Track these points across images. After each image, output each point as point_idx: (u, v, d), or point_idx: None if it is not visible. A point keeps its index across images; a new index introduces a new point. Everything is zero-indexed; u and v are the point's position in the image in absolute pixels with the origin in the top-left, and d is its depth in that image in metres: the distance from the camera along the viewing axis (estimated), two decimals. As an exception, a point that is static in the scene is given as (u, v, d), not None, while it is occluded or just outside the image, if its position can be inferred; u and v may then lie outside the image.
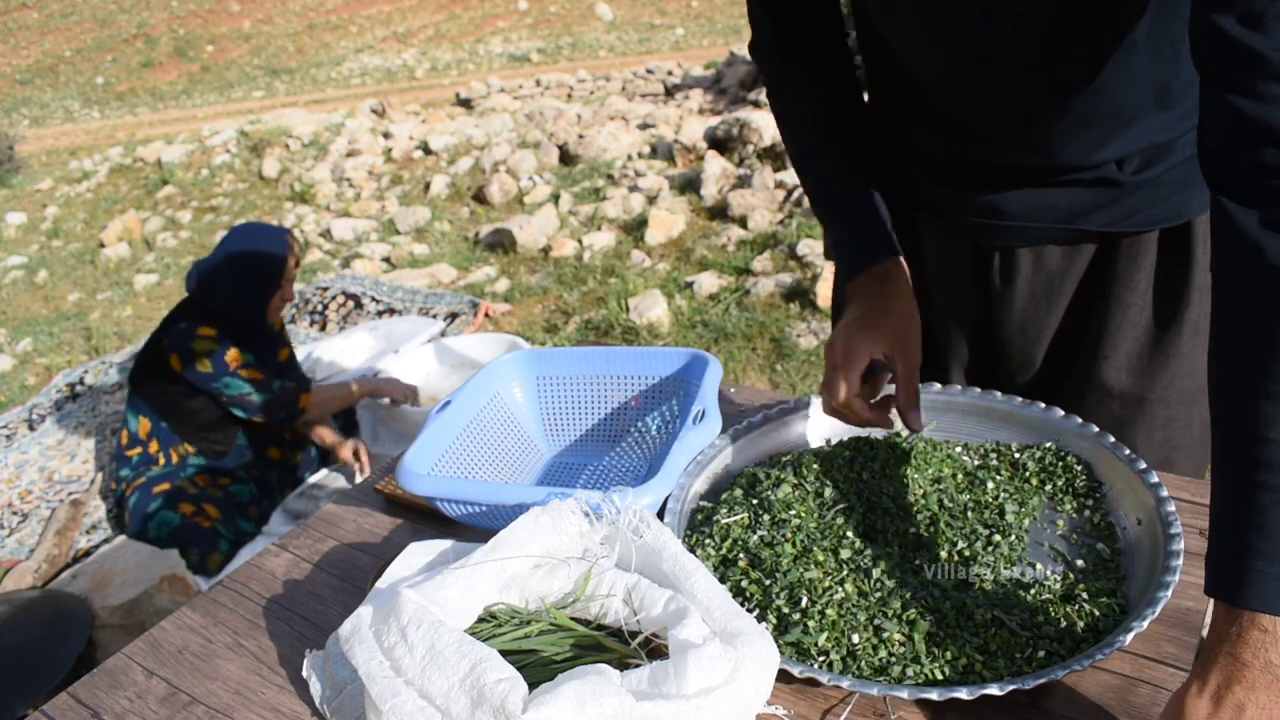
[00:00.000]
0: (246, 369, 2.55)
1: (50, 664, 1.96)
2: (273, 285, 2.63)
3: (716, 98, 7.35)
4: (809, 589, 0.82)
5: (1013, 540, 0.89)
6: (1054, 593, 0.82)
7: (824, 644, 0.77)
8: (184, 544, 2.41)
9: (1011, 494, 0.95)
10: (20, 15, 23.41)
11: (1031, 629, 0.78)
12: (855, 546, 0.88)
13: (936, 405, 1.07)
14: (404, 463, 0.96)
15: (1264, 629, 0.60)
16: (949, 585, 0.84)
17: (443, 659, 0.66)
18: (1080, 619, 0.78)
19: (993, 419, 1.05)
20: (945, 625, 0.78)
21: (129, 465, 2.63)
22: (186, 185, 7.40)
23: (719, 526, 0.91)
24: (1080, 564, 0.86)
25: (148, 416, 2.63)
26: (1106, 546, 0.87)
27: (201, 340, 2.51)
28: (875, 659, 0.77)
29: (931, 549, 0.89)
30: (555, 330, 3.86)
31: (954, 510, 0.93)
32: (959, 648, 0.76)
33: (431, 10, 21.36)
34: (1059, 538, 0.91)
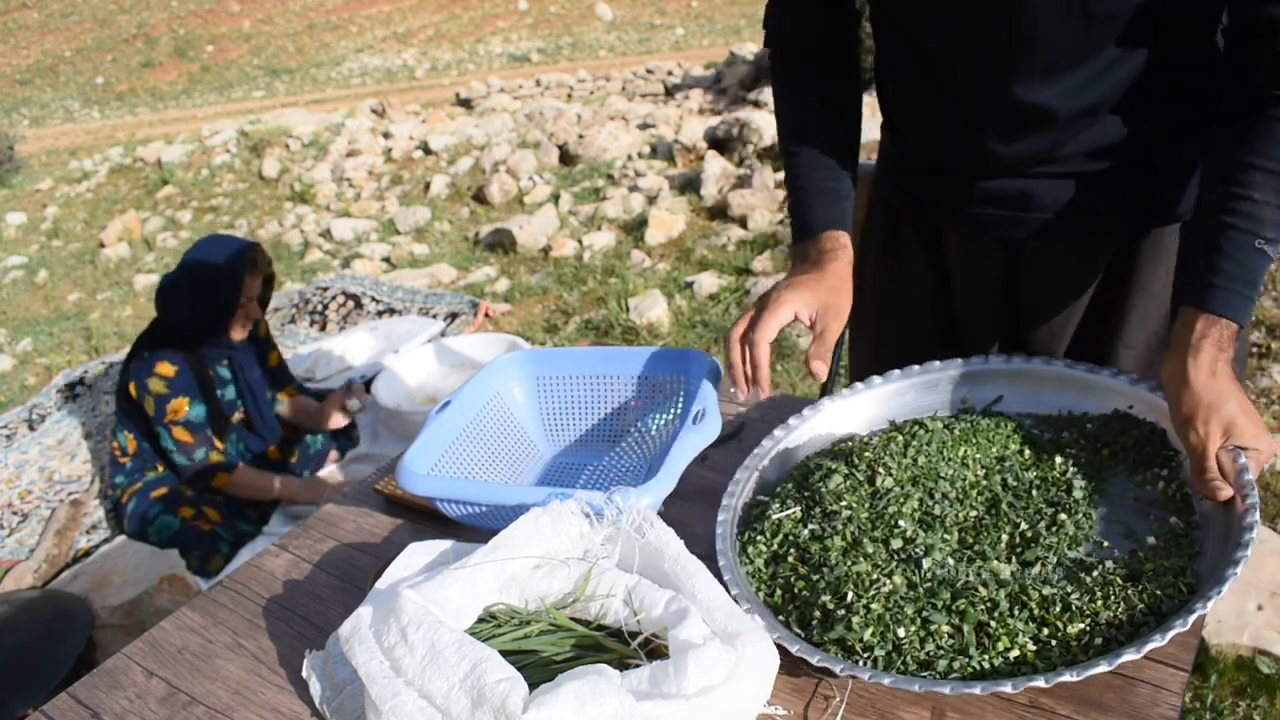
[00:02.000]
0: (182, 427, 2.49)
1: (50, 664, 1.96)
2: (231, 304, 2.51)
3: (716, 98, 7.35)
4: (856, 583, 0.80)
5: (1079, 519, 0.86)
6: (1119, 573, 0.78)
7: (869, 639, 0.75)
8: (184, 547, 2.41)
9: (1081, 468, 0.92)
10: (20, 15, 23.40)
11: (1090, 616, 0.74)
12: (906, 536, 0.85)
13: (1004, 375, 1.04)
14: (404, 463, 0.96)
15: (1219, 325, 0.87)
16: (1007, 571, 0.81)
17: (443, 659, 0.66)
18: (1142, 601, 0.75)
19: (1063, 388, 1.02)
20: (998, 614, 0.75)
21: (123, 472, 2.62)
22: (186, 185, 7.40)
23: (770, 522, 0.90)
24: (1151, 540, 0.83)
25: (133, 434, 2.61)
26: (1180, 520, 0.85)
27: (156, 379, 2.46)
28: (922, 653, 0.74)
29: (992, 533, 0.86)
30: (555, 330, 3.86)
31: (1018, 490, 0.90)
32: (1011, 638, 0.73)
33: (431, 10, 21.35)
34: (1131, 512, 0.88)
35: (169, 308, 2.50)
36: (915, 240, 1.22)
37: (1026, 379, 1.04)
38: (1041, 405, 1.02)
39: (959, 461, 0.94)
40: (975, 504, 0.90)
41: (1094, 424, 0.97)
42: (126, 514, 2.55)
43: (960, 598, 0.77)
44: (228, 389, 2.67)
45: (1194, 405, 0.86)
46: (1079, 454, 0.94)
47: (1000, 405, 1.04)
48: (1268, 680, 1.71)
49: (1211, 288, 0.88)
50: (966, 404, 1.05)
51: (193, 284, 2.49)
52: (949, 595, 0.77)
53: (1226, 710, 1.68)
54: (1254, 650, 1.75)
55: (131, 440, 2.61)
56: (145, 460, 2.61)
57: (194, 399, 2.51)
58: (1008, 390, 1.04)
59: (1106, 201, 1.04)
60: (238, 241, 2.59)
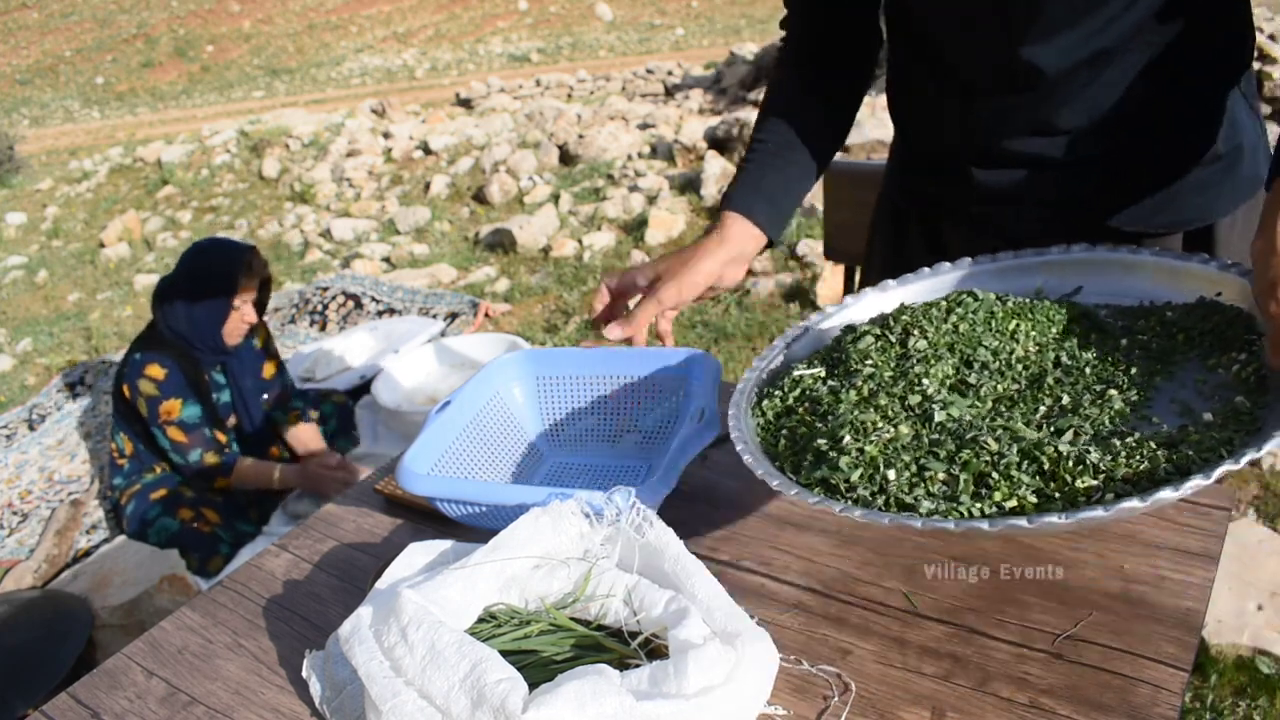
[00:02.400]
0: (176, 427, 2.49)
1: (50, 664, 1.96)
2: (224, 308, 2.50)
3: (716, 98, 7.34)
4: (856, 428, 0.76)
5: (1132, 394, 0.78)
6: (1154, 439, 0.70)
7: (855, 480, 0.71)
8: (184, 549, 2.40)
9: (1149, 352, 0.84)
10: (20, 15, 23.40)
11: (1105, 472, 0.67)
12: (927, 393, 0.79)
13: (1087, 264, 0.96)
14: (404, 463, 0.96)
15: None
16: (1030, 432, 0.74)
17: (443, 659, 0.66)
18: (1170, 461, 0.68)
19: (1149, 277, 0.93)
20: (1003, 466, 0.69)
21: (121, 474, 2.62)
22: (186, 185, 7.40)
23: (791, 379, 0.86)
24: (1208, 417, 0.75)
25: (129, 436, 2.61)
26: (1247, 399, 0.76)
27: (146, 380, 2.46)
28: (909, 497, 0.70)
29: (1029, 404, 0.79)
30: (555, 330, 3.85)
31: (1070, 368, 0.83)
32: (1011, 488, 0.68)
33: (431, 10, 21.35)
34: (1195, 393, 0.80)
35: (163, 310, 2.50)
36: (919, 240, 1.22)
37: (1110, 268, 0.95)
38: (1123, 295, 0.94)
39: (1008, 334, 0.88)
40: (1018, 377, 0.83)
41: (1175, 312, 0.89)
42: (126, 515, 2.55)
43: (966, 449, 0.72)
44: (222, 394, 2.67)
45: (1277, 272, 0.78)
46: (1150, 339, 0.86)
47: (1079, 297, 0.95)
48: (1268, 680, 1.71)
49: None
50: (1041, 294, 0.96)
51: (187, 287, 2.49)
52: (955, 446, 0.72)
53: (1226, 710, 1.68)
54: (1254, 650, 1.75)
55: (128, 442, 2.61)
56: (143, 461, 2.60)
57: (187, 400, 2.51)
58: (1089, 280, 0.96)
59: (1105, 196, 1.04)
60: (234, 245, 2.59)
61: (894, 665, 0.77)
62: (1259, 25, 4.58)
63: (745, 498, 1.00)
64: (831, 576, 0.87)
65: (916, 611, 0.82)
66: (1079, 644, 0.76)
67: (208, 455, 2.52)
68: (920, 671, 0.76)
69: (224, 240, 2.67)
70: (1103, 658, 0.74)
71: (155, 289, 2.54)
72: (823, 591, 0.86)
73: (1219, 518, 0.88)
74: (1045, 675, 0.74)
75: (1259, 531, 2.01)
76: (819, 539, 0.92)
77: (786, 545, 0.92)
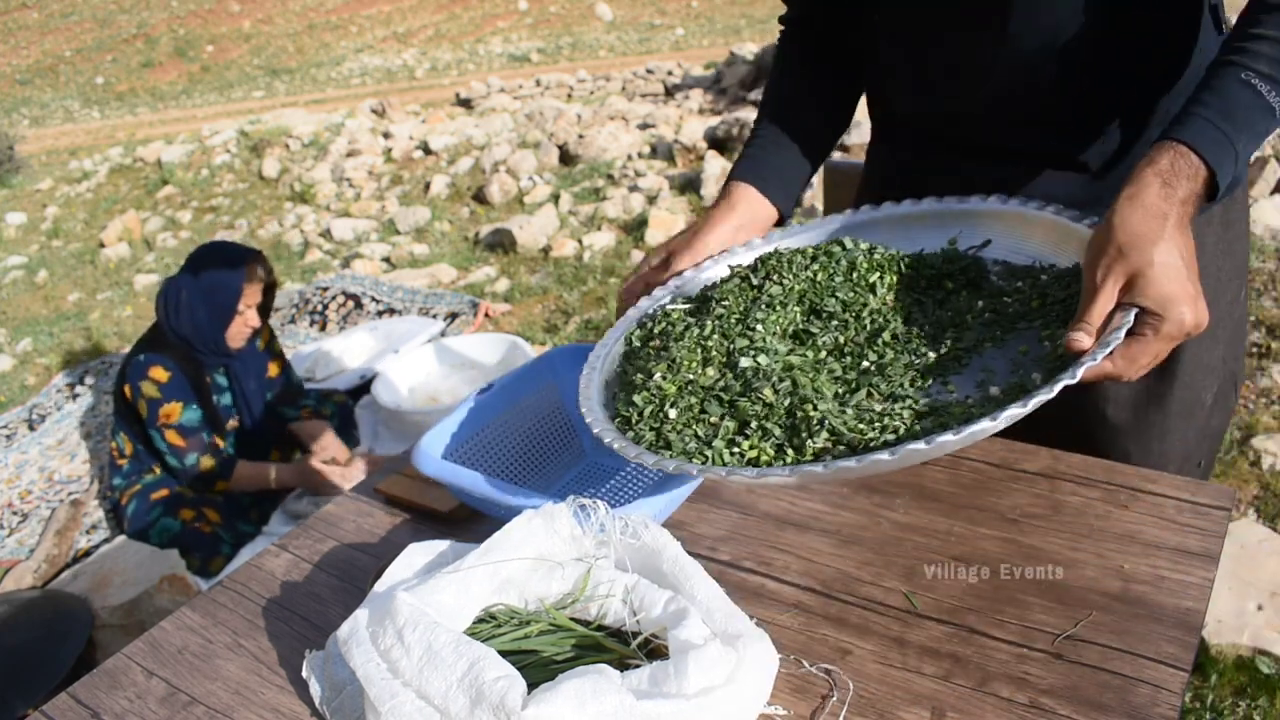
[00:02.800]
0: (175, 430, 2.49)
1: (50, 664, 1.95)
2: (229, 313, 2.52)
3: (716, 98, 7.34)
4: (669, 366, 0.83)
5: (948, 360, 0.81)
6: (918, 407, 0.75)
7: (644, 414, 0.79)
8: (185, 549, 2.40)
9: (1001, 317, 0.85)
10: (20, 15, 23.39)
11: (839, 434, 0.73)
12: (754, 338, 0.84)
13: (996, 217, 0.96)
14: (421, 443, 0.97)
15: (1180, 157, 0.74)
16: (827, 392, 0.79)
17: (440, 659, 0.66)
18: (909, 431, 0.72)
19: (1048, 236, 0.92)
20: (767, 417, 0.76)
21: (121, 474, 2.62)
22: (186, 185, 7.40)
23: (663, 311, 0.93)
24: (994, 390, 0.76)
25: (129, 436, 2.61)
26: (1042, 377, 0.75)
27: (149, 382, 2.47)
28: (676, 436, 0.77)
29: (855, 358, 0.84)
30: (555, 330, 3.85)
31: (919, 324, 0.86)
32: (759, 440, 0.75)
33: (431, 10, 21.35)
34: (1007, 365, 0.81)
35: (167, 312, 2.50)
36: None
37: (1017, 223, 0.94)
38: (1020, 253, 0.94)
39: (866, 286, 0.91)
40: (861, 330, 0.87)
41: (1048, 275, 0.88)
42: (126, 515, 2.55)
43: (744, 397, 0.78)
44: (224, 395, 2.67)
45: (1103, 242, 0.74)
46: (1012, 302, 0.87)
47: (988, 250, 0.96)
48: (1268, 680, 1.71)
49: (1182, 115, 0.76)
50: (954, 244, 0.98)
51: (192, 290, 2.49)
52: (739, 392, 0.78)
53: (1226, 710, 1.68)
54: (1254, 650, 1.75)
55: (128, 442, 2.61)
56: (142, 462, 2.60)
57: (188, 403, 2.51)
58: (1000, 233, 0.96)
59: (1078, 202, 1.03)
60: (239, 249, 2.60)
61: (894, 665, 0.77)
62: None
63: (745, 498, 1.00)
64: (831, 576, 0.87)
65: (916, 611, 0.82)
66: (1079, 644, 0.76)
67: (203, 460, 2.52)
68: (920, 671, 0.76)
69: (230, 244, 2.69)
70: (1103, 658, 0.74)
71: (160, 290, 2.55)
72: (822, 591, 0.86)
73: (1219, 518, 0.88)
74: (1045, 675, 0.74)
75: (1259, 531, 2.01)
76: (819, 539, 0.92)
77: (786, 545, 0.92)
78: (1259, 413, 2.54)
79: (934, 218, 1.00)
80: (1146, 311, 0.71)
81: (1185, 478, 0.97)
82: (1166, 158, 0.74)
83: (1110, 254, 0.72)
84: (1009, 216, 0.95)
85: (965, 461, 1.01)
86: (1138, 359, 0.72)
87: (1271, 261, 3.29)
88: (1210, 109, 0.75)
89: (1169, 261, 0.70)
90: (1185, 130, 0.75)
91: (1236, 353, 1.10)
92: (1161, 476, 0.95)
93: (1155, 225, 0.71)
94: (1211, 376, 1.07)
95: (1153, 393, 1.06)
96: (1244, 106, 0.75)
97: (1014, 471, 0.99)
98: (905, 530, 0.92)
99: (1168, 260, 0.70)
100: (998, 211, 0.96)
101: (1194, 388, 1.06)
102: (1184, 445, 1.09)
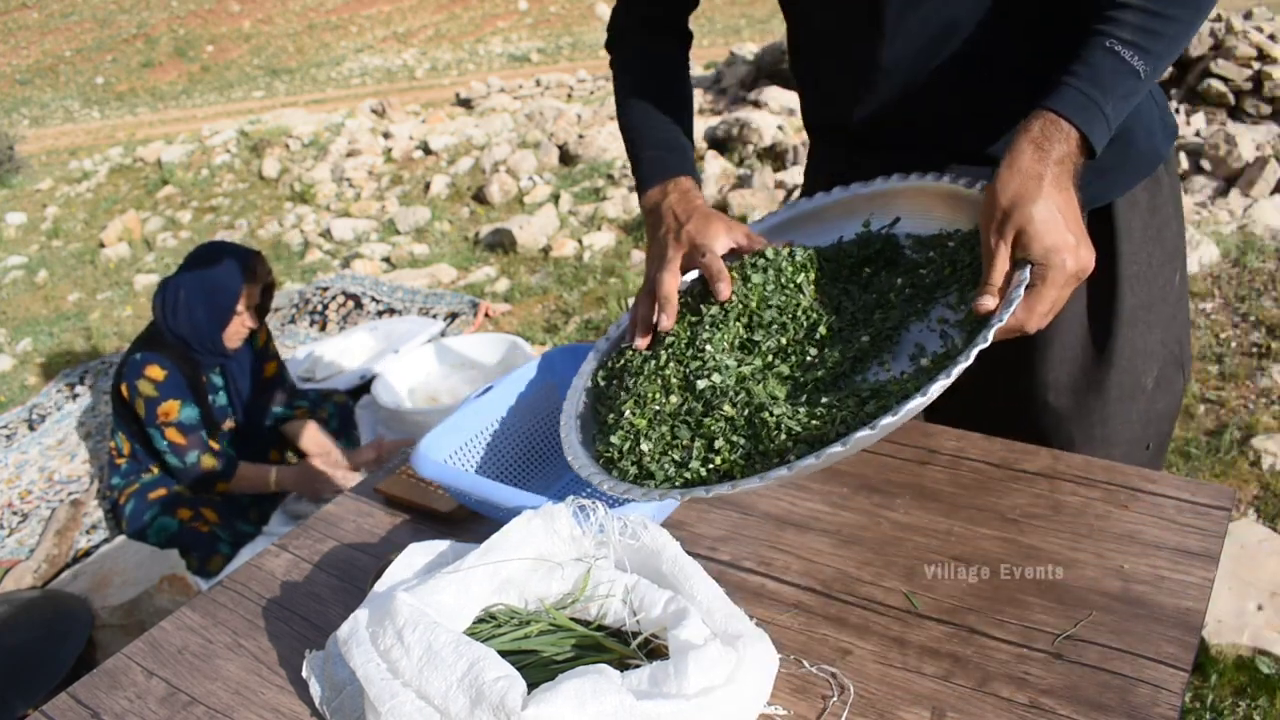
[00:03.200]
0: (174, 428, 2.48)
1: (50, 664, 1.95)
2: (227, 312, 2.50)
3: (716, 98, 7.34)
4: (636, 401, 0.87)
5: (881, 341, 0.87)
6: (860, 393, 0.80)
7: (624, 451, 0.84)
8: (184, 548, 2.40)
9: (921, 290, 0.91)
10: (20, 15, 23.40)
11: (795, 432, 0.78)
12: (705, 359, 0.89)
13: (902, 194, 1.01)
14: (420, 446, 0.97)
15: (1051, 123, 0.81)
16: (780, 394, 0.85)
17: (440, 659, 0.66)
18: (857, 419, 0.77)
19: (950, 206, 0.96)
20: (731, 430, 0.81)
21: (119, 473, 2.62)
22: (186, 185, 7.40)
23: (617, 352, 0.98)
24: (924, 362, 0.83)
25: (127, 436, 2.61)
26: (961, 342, 0.82)
27: (145, 381, 2.46)
28: (655, 466, 0.82)
29: (799, 355, 0.90)
30: (555, 330, 3.85)
31: (851, 314, 0.91)
32: (729, 451, 0.80)
33: (431, 10, 21.35)
34: (932, 333, 0.86)
35: (165, 311, 2.50)
36: None
37: (918, 196, 1.00)
38: (928, 224, 0.99)
39: (795, 288, 0.95)
40: (799, 329, 0.92)
41: (955, 240, 0.93)
42: (125, 515, 2.55)
43: (709, 415, 0.83)
44: (219, 395, 2.67)
45: (991, 207, 0.81)
46: (928, 272, 0.92)
47: (899, 226, 1.01)
48: (1268, 680, 1.71)
49: (1053, 85, 0.83)
50: (868, 226, 1.02)
51: (190, 289, 2.48)
52: (703, 412, 0.83)
53: (1226, 710, 1.68)
54: (1254, 650, 1.75)
55: (126, 442, 2.61)
56: (140, 462, 2.60)
57: (185, 401, 2.50)
58: (909, 209, 1.01)
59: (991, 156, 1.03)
60: (238, 249, 2.59)
61: (894, 665, 0.77)
62: (1259, 25, 4.58)
63: (745, 498, 1.00)
64: (831, 576, 0.87)
65: (916, 611, 0.82)
66: (1079, 644, 0.76)
67: (204, 459, 2.51)
68: (920, 671, 0.76)
69: (229, 244, 2.67)
70: (1103, 658, 0.75)
71: (157, 289, 2.54)
72: (823, 591, 0.86)
73: (1219, 518, 0.89)
74: (1045, 675, 0.74)
75: (1259, 531, 2.00)
76: (819, 539, 0.92)
77: (786, 545, 0.92)
78: (1259, 413, 2.54)
79: (844, 205, 1.05)
80: (1036, 264, 0.78)
81: (1183, 477, 0.98)
82: (1038, 124, 0.81)
83: (997, 217, 0.79)
84: (910, 191, 1.00)
85: (965, 461, 1.01)
86: (1035, 309, 0.80)
87: (1271, 261, 3.29)
88: (1078, 77, 0.82)
89: (1047, 216, 0.77)
90: (1055, 99, 0.82)
91: (1179, 335, 1.13)
92: (1161, 476, 0.95)
93: (1032, 185, 0.78)
94: (1151, 360, 1.10)
95: (1091, 379, 1.09)
96: (1109, 72, 0.82)
97: (1014, 471, 0.99)
98: (905, 530, 0.92)
99: (1045, 215, 0.78)
100: (900, 189, 1.01)
101: (1132, 372, 1.09)
102: (1128, 429, 1.11)
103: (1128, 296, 1.06)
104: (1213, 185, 4.03)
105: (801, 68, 1.17)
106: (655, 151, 1.11)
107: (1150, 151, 1.05)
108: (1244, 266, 3.27)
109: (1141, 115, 1.03)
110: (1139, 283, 1.06)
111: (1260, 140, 4.18)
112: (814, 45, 1.12)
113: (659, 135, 1.12)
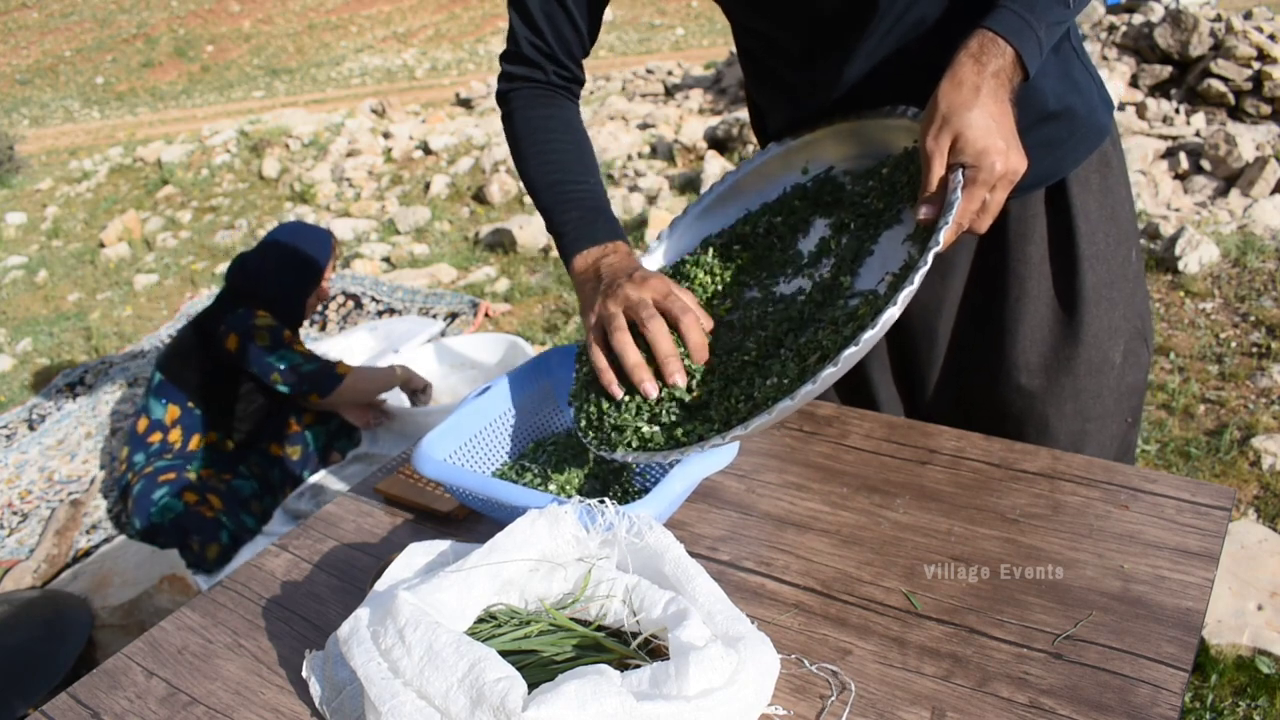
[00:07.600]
0: (299, 344, 2.71)
1: (50, 664, 1.95)
2: (314, 283, 2.80)
3: (716, 98, 7.34)
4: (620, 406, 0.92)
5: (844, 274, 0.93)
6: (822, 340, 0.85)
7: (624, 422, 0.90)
8: (186, 531, 2.44)
9: (869, 215, 0.96)
10: (20, 15, 23.40)
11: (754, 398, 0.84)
12: None
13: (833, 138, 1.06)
14: (421, 445, 0.97)
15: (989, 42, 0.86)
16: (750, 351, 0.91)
17: (440, 659, 0.66)
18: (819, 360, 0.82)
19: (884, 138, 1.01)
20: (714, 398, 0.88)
21: (144, 450, 2.65)
22: (186, 185, 7.40)
23: None
24: (886, 278, 0.87)
25: (178, 404, 2.68)
26: (916, 253, 0.87)
27: (261, 318, 2.66)
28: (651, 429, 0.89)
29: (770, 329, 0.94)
30: (555, 330, 3.85)
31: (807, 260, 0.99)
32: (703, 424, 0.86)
33: (431, 10, 21.35)
34: (889, 249, 0.92)
35: (258, 280, 2.71)
36: None
37: (849, 135, 1.05)
38: (864, 159, 1.04)
39: (726, 283, 1.03)
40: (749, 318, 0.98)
41: (888, 166, 0.98)
42: (133, 495, 2.57)
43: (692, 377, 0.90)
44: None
45: (931, 115, 0.86)
46: (872, 200, 0.97)
47: (835, 170, 1.07)
48: (1268, 680, 1.71)
49: (992, 9, 0.89)
50: (805, 172, 1.09)
51: (281, 258, 2.75)
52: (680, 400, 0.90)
53: (1226, 710, 1.68)
54: (1254, 650, 1.75)
55: (174, 410, 2.66)
56: (185, 429, 2.66)
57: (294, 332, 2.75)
58: (840, 155, 1.07)
59: None
60: (319, 228, 2.90)
61: (894, 665, 0.77)
62: (1259, 25, 4.58)
63: (745, 498, 1.00)
64: (831, 576, 0.87)
65: (916, 611, 0.82)
66: (1079, 644, 0.76)
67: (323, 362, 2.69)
68: (920, 671, 0.76)
69: (309, 224, 2.95)
70: (1103, 658, 0.75)
71: (238, 261, 2.75)
72: (823, 591, 0.86)
73: (1219, 518, 0.89)
74: (1045, 675, 0.74)
75: (1259, 531, 2.00)
76: (819, 539, 0.92)
77: (786, 545, 0.92)
78: (1259, 413, 2.54)
79: (781, 159, 1.10)
80: (969, 167, 0.83)
81: (1183, 477, 0.98)
82: (976, 41, 0.87)
83: (936, 123, 0.84)
84: (842, 132, 1.05)
85: (965, 461, 1.01)
86: (967, 208, 0.85)
87: (1271, 261, 3.29)
88: (1017, 3, 0.88)
89: (981, 122, 0.82)
90: (993, 19, 0.88)
91: (1140, 310, 1.17)
92: (1161, 476, 0.95)
93: (969, 95, 0.84)
94: (1116, 336, 1.14)
95: (1061, 356, 1.12)
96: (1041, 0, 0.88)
97: (1014, 471, 0.99)
98: (905, 530, 0.92)
99: (979, 121, 0.83)
100: (831, 131, 1.06)
101: (1099, 348, 1.12)
102: (1099, 404, 1.14)
103: (1089, 275, 1.09)
104: (1213, 185, 4.03)
105: (761, 89, 1.19)
106: (579, 213, 1.07)
107: (1094, 123, 1.09)
108: (1244, 266, 3.27)
109: (1081, 89, 1.08)
110: (1099, 262, 1.10)
111: (1260, 140, 4.18)
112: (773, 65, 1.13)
113: (578, 193, 1.09)
